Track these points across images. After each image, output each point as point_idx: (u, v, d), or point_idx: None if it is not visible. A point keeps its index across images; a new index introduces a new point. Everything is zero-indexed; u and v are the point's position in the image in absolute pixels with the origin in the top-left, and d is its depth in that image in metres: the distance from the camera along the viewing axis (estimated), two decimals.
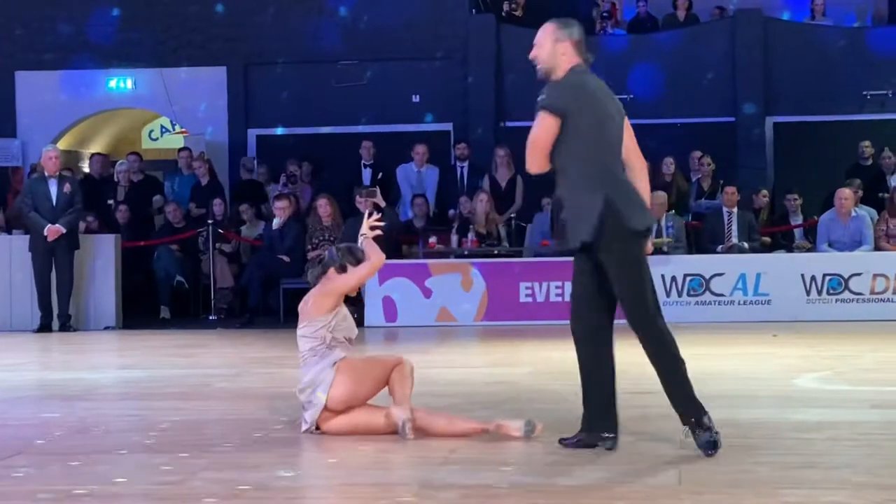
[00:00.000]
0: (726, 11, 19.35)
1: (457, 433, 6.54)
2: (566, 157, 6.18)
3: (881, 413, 7.17)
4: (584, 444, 6.12)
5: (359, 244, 7.00)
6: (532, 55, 6.34)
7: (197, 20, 19.02)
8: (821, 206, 15.97)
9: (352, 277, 6.90)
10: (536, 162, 6.32)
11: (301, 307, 6.93)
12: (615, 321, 6.33)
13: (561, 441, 6.20)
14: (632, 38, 19.11)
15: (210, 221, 16.28)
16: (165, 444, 6.55)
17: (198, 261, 16.70)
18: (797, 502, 4.88)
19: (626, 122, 6.41)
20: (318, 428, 6.69)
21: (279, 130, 19.18)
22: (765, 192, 16.69)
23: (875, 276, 14.34)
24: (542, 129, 6.18)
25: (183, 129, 19.87)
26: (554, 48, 6.34)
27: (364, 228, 7.05)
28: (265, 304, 15.81)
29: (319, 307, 6.81)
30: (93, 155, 18.83)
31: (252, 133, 19.38)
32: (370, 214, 7.55)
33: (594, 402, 6.19)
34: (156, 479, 5.62)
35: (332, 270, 6.90)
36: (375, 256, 6.93)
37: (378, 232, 7.02)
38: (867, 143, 16.97)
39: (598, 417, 6.14)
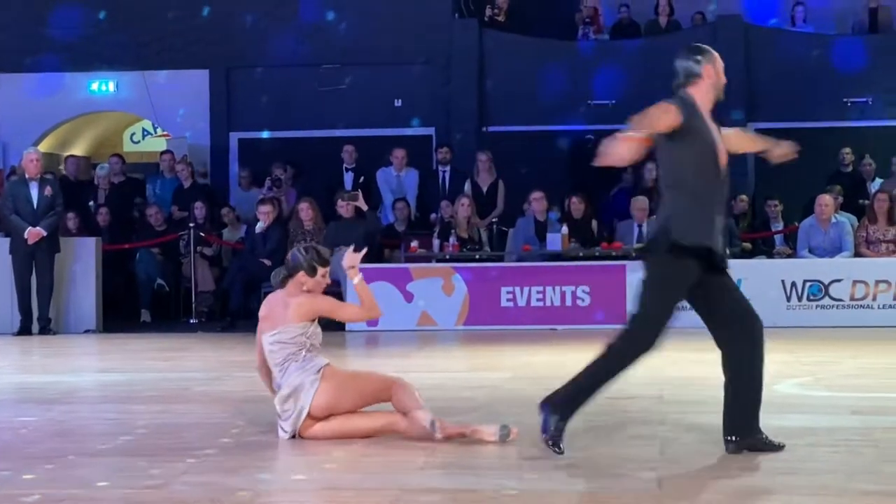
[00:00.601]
0: (707, 17, 19.40)
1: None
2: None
3: (861, 419, 7.19)
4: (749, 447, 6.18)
5: (351, 282, 6.94)
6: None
7: (179, 23, 18.96)
8: (801, 213, 16.02)
9: (345, 312, 6.95)
10: None
11: (270, 313, 6.80)
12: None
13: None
14: (614, 44, 19.14)
15: (192, 224, 16.25)
16: (145, 447, 6.53)
17: (179, 264, 16.67)
18: None
19: None
20: (299, 435, 6.67)
21: (265, 134, 19.14)
22: (744, 197, 16.72)
23: (855, 282, 14.37)
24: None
25: (165, 133, 19.83)
26: None
27: (346, 261, 6.98)
28: (246, 307, 15.75)
29: (300, 316, 6.75)
30: (68, 157, 18.75)
31: (234, 136, 19.34)
32: (356, 214, 7.61)
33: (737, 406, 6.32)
34: (135, 482, 5.60)
35: (301, 273, 6.84)
36: (373, 311, 6.93)
37: (359, 274, 6.96)
38: (847, 150, 17.02)
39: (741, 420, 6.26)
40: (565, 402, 6.11)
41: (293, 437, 6.63)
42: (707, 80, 6.50)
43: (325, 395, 6.59)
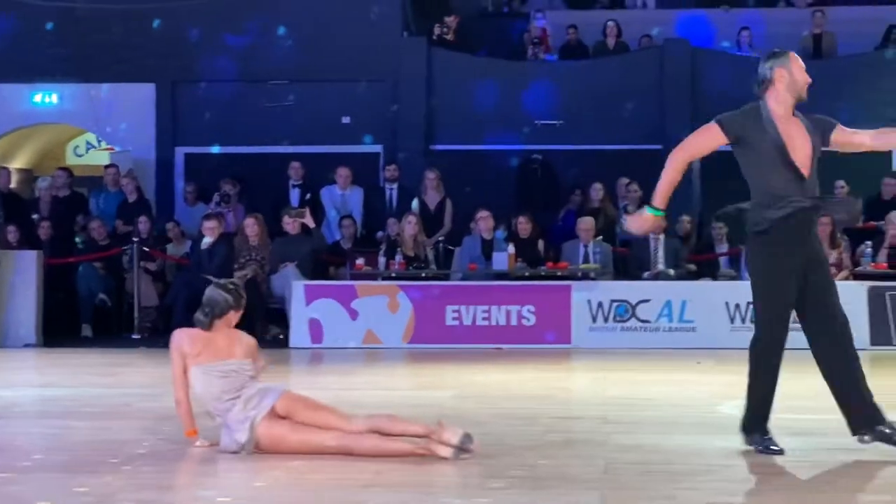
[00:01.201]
0: (654, 40, 19.53)
1: (407, 433, 6.62)
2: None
3: (801, 440, 7.23)
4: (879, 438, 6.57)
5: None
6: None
7: (126, 36, 18.82)
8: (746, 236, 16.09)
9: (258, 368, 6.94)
10: None
11: (210, 347, 6.97)
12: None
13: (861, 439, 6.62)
14: (562, 65, 19.23)
15: (135, 239, 16.11)
16: (83, 463, 6.45)
17: (122, 279, 16.52)
18: None
19: None
20: (256, 446, 6.62)
21: (214, 149, 19.02)
22: (687, 218, 16.80)
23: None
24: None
25: (109, 146, 19.67)
26: None
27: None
28: (190, 323, 15.63)
29: (247, 354, 6.96)
30: (1, 169, 18.51)
31: (180, 151, 19.23)
32: (302, 231, 7.74)
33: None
34: (71, 499, 5.52)
35: (232, 312, 6.96)
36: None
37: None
38: None
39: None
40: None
41: (250, 449, 6.61)
42: (779, 84, 6.71)
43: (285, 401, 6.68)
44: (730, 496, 5.58)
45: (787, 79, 6.71)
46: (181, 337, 7.01)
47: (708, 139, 6.75)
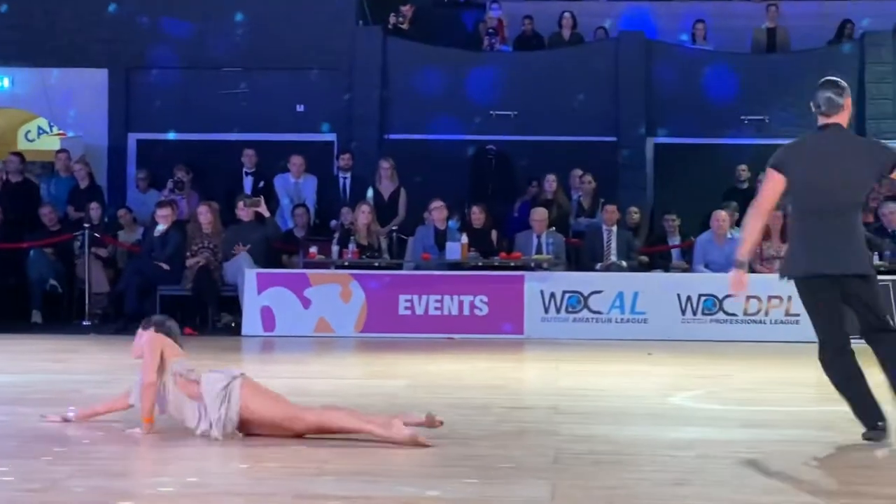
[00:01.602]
0: (609, 32, 19.59)
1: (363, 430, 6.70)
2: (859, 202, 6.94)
3: (750, 432, 7.29)
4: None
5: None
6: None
7: (79, 21, 18.67)
8: (698, 228, 16.22)
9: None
10: None
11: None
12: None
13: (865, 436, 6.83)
14: (517, 56, 19.24)
15: (87, 225, 16.00)
16: (31, 450, 6.40)
17: (73, 265, 16.40)
18: None
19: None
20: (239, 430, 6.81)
21: (170, 135, 18.90)
22: (635, 209, 16.86)
23: (748, 297, 14.56)
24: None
25: (61, 132, 19.51)
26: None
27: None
28: (141, 310, 15.57)
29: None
30: None
31: (132, 137, 19.10)
32: (255, 219, 7.89)
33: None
34: (20, 485, 5.48)
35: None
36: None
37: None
38: (744, 166, 17.26)
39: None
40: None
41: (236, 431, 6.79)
42: (846, 112, 6.96)
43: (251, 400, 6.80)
44: (679, 486, 5.61)
45: (849, 109, 7.00)
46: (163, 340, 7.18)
47: (774, 188, 6.93)
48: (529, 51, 19.28)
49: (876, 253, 14.89)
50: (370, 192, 16.55)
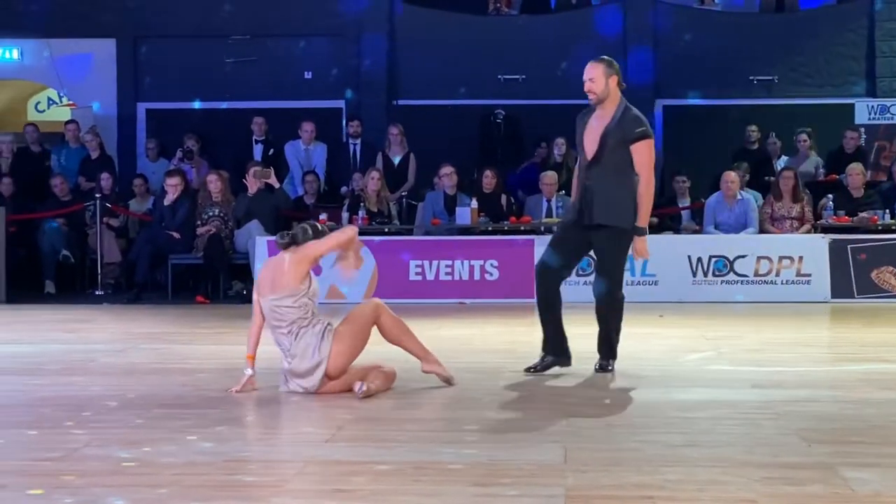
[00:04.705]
0: None
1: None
2: (623, 162, 8.50)
3: (761, 392, 7.31)
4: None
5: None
6: (587, 88, 8.79)
7: None
8: (708, 189, 16.20)
9: (323, 245, 7.19)
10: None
11: (271, 277, 7.23)
12: None
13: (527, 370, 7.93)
14: (525, 19, 19.18)
15: (98, 195, 16.05)
16: (46, 419, 6.46)
17: (85, 235, 16.46)
18: (677, 479, 4.95)
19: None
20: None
21: (180, 104, 18.87)
22: None
23: (759, 258, 14.58)
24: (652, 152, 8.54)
25: (70, 102, 19.53)
26: (607, 83, 8.77)
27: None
28: (153, 279, 15.66)
29: (297, 276, 7.23)
30: None
31: (142, 107, 19.12)
32: (265, 188, 8.05)
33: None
34: (34, 454, 5.53)
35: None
36: (346, 232, 7.47)
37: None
38: (754, 127, 17.24)
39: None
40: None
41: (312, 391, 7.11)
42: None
43: (341, 358, 7.19)
44: (690, 447, 5.64)
45: None
46: (265, 265, 7.54)
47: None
48: (537, 14, 19.21)
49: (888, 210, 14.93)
50: (379, 159, 16.54)
